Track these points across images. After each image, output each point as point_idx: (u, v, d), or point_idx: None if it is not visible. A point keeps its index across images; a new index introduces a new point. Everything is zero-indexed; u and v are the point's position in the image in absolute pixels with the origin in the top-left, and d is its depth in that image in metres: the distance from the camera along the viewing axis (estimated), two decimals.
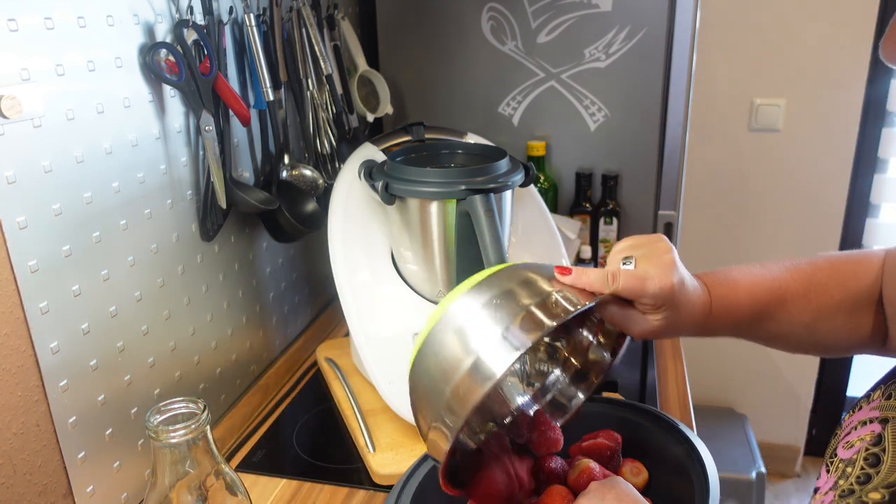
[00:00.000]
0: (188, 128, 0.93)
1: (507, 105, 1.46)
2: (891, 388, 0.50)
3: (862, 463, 0.45)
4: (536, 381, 0.73)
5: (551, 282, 0.61)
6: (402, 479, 0.70)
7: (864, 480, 0.44)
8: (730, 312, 0.67)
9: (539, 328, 0.55)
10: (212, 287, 1.01)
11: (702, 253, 2.12)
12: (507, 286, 0.59)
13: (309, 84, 1.17)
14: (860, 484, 0.44)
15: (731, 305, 0.67)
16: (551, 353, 0.74)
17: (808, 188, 2.00)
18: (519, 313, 0.56)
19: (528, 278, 0.61)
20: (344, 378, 1.06)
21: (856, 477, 0.45)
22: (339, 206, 0.99)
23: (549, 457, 0.69)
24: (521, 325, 0.55)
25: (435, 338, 0.59)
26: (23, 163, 0.68)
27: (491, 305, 0.57)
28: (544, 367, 0.73)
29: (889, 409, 0.48)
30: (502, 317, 0.56)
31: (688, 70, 1.36)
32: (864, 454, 0.46)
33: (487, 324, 0.56)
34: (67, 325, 0.74)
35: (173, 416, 0.59)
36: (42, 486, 0.73)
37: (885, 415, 0.48)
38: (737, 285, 0.68)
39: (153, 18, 0.86)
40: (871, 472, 0.44)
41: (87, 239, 0.77)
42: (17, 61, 0.67)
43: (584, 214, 1.48)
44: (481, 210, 0.86)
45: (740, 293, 0.67)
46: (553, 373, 0.73)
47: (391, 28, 1.48)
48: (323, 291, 1.38)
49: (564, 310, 0.57)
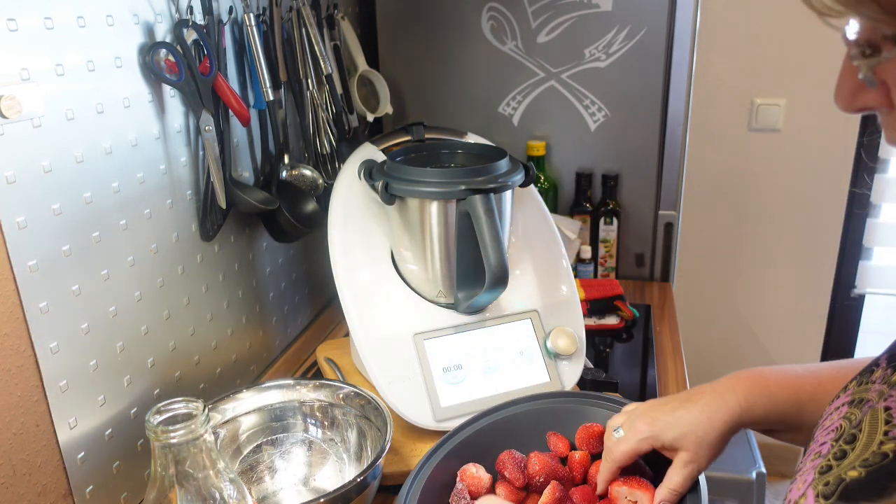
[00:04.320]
0: (188, 128, 0.93)
1: (507, 105, 1.46)
2: (863, 377, 0.51)
3: (840, 442, 0.46)
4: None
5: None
6: (410, 480, 0.71)
7: (840, 456, 0.44)
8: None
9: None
10: (212, 287, 1.01)
11: (702, 253, 2.12)
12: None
13: (309, 84, 1.17)
14: (837, 459, 0.44)
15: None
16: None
17: (808, 188, 2.00)
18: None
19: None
20: (344, 378, 1.05)
21: (833, 454, 0.45)
22: (339, 206, 0.99)
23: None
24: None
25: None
26: (23, 163, 0.68)
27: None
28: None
29: (860, 392, 0.49)
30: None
31: (688, 70, 1.36)
32: (840, 433, 0.47)
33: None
34: (67, 325, 0.74)
35: (173, 416, 0.59)
36: (42, 486, 0.73)
37: (856, 397, 0.49)
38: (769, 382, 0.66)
39: (153, 18, 0.86)
40: (847, 448, 0.44)
41: (87, 239, 0.77)
42: (17, 61, 0.67)
43: (584, 214, 1.48)
44: (481, 210, 0.86)
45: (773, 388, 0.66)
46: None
47: (391, 28, 1.48)
48: (323, 291, 1.38)
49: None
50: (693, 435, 0.64)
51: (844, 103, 0.40)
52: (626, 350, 1.26)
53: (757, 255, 2.10)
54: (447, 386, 0.93)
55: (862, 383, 0.50)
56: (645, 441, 0.67)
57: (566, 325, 1.00)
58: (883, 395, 0.46)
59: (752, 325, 2.18)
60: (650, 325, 1.31)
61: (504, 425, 0.79)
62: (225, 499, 0.60)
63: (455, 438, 0.77)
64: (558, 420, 0.79)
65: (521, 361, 0.97)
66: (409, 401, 0.91)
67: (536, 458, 0.74)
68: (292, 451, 0.90)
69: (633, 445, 0.68)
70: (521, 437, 0.78)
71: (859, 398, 0.49)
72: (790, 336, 2.16)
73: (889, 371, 0.48)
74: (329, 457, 0.89)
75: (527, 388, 0.95)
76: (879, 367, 0.50)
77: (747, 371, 0.67)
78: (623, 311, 1.30)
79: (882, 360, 0.50)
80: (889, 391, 0.46)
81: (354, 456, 0.88)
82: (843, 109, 0.40)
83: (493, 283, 0.87)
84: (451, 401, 0.92)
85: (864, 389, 0.49)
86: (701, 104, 1.95)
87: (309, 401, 0.90)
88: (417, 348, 0.94)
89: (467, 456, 0.76)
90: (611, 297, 1.31)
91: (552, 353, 0.98)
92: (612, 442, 0.70)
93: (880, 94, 0.38)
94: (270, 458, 0.89)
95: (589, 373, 1.05)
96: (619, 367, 1.21)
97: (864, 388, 0.49)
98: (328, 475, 0.88)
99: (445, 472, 0.74)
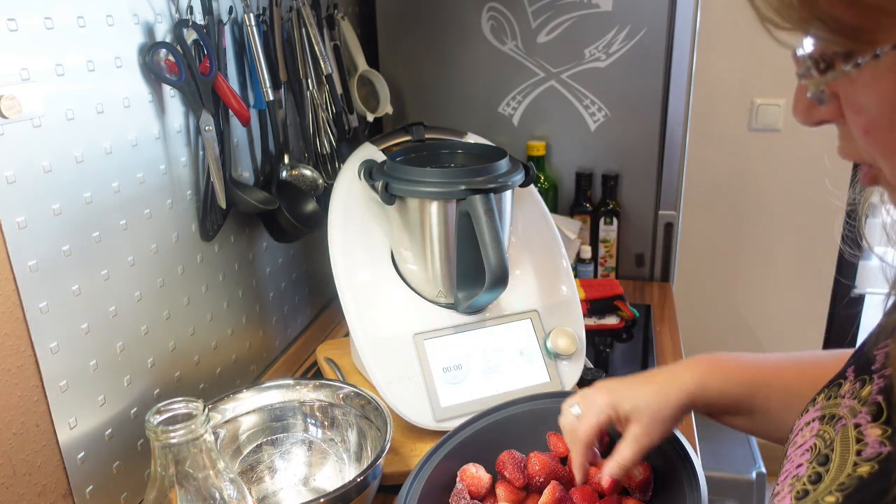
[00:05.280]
0: (188, 128, 0.93)
1: (507, 105, 1.46)
2: (831, 391, 0.50)
3: (813, 463, 0.46)
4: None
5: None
6: (410, 480, 0.71)
7: (815, 480, 0.44)
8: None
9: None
10: (212, 287, 1.01)
11: (702, 253, 2.12)
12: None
13: (309, 84, 1.17)
14: (812, 483, 0.44)
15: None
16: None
17: (808, 188, 2.00)
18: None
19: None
20: (344, 378, 1.05)
21: (808, 476, 0.45)
22: (339, 206, 0.99)
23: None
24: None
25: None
26: (23, 163, 0.68)
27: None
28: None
29: (830, 407, 0.49)
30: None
31: (688, 70, 1.36)
32: (815, 453, 0.47)
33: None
34: (67, 324, 0.74)
35: (173, 416, 0.59)
36: (42, 486, 0.73)
37: (827, 412, 0.49)
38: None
39: (153, 18, 0.86)
40: (821, 470, 0.44)
41: (87, 239, 0.77)
42: (17, 61, 0.67)
43: (584, 214, 1.48)
44: (481, 210, 0.86)
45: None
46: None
47: (391, 28, 1.48)
48: (323, 291, 1.38)
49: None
50: (647, 408, 0.65)
51: (802, 118, 0.40)
52: (626, 350, 1.26)
53: (757, 255, 2.10)
54: (447, 386, 0.93)
55: (831, 397, 0.50)
56: (603, 412, 0.67)
57: (566, 325, 1.00)
58: (854, 411, 0.45)
59: (752, 325, 2.18)
60: (650, 325, 1.31)
61: (504, 425, 0.79)
62: (225, 499, 0.60)
63: (455, 438, 0.77)
64: (558, 420, 0.79)
65: (521, 361, 0.97)
66: (409, 401, 0.91)
67: (536, 458, 0.74)
68: (292, 451, 0.90)
69: (593, 419, 0.67)
70: (521, 437, 0.78)
71: (830, 414, 0.48)
72: (790, 336, 2.16)
73: (857, 385, 0.47)
74: (329, 457, 0.89)
75: (527, 388, 0.95)
76: (847, 380, 0.49)
77: (707, 354, 0.68)
78: (623, 311, 1.30)
79: (849, 373, 0.49)
80: (860, 407, 0.45)
81: (354, 456, 0.88)
82: (801, 123, 0.40)
83: (493, 283, 0.87)
84: (451, 401, 0.92)
85: (833, 404, 0.49)
86: (701, 104, 1.95)
87: (309, 401, 0.90)
88: (417, 348, 0.94)
89: (467, 456, 0.76)
90: (611, 297, 1.31)
91: (552, 353, 0.98)
92: (569, 422, 0.69)
93: (833, 107, 0.38)
94: (270, 458, 0.89)
95: (589, 373, 1.05)
96: (619, 367, 1.21)
97: (833, 403, 0.49)
98: (328, 475, 0.88)
99: (445, 472, 0.74)
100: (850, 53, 0.34)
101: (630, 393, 0.66)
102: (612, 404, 0.67)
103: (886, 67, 0.33)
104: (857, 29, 0.33)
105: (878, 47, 0.33)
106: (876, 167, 0.38)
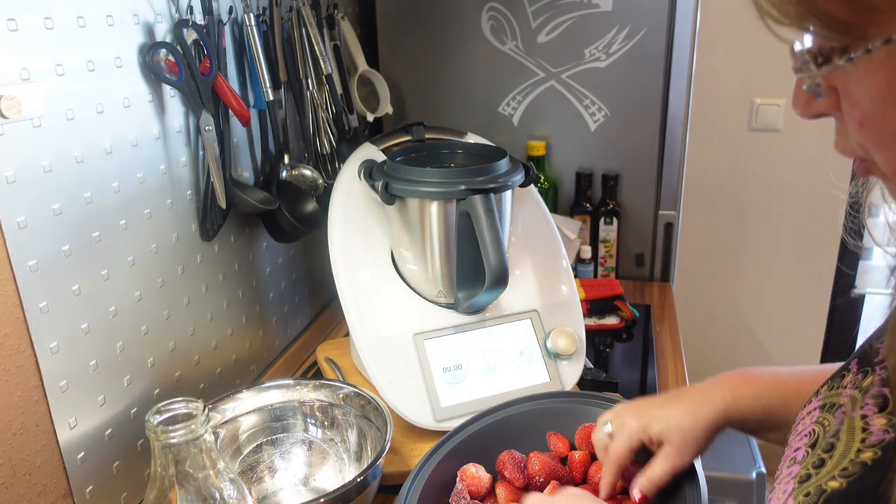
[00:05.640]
0: (188, 128, 0.93)
1: (507, 105, 1.46)
2: (835, 382, 0.51)
3: (816, 449, 0.46)
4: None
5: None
6: (410, 480, 0.71)
7: (818, 465, 0.45)
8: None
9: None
10: (212, 287, 1.01)
11: (702, 253, 2.12)
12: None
13: (309, 84, 1.17)
14: (815, 468, 0.45)
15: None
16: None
17: (808, 188, 2.00)
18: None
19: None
20: (344, 378, 1.05)
21: (811, 462, 0.46)
22: (339, 206, 0.99)
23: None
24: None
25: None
26: (23, 163, 0.68)
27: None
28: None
29: (832, 396, 0.50)
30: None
31: (688, 70, 1.36)
32: (814, 438, 0.47)
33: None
34: (67, 324, 0.74)
35: (173, 416, 0.59)
36: (42, 486, 0.73)
37: (828, 401, 0.50)
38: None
39: (153, 18, 0.86)
40: (825, 456, 0.45)
41: (87, 239, 0.77)
42: (17, 61, 0.67)
43: (584, 214, 1.48)
44: (481, 210, 0.86)
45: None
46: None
47: (391, 28, 1.48)
48: (323, 291, 1.38)
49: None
50: (678, 429, 0.65)
51: (801, 110, 0.41)
52: (626, 350, 1.26)
53: (757, 255, 2.10)
54: (447, 386, 0.93)
55: (833, 387, 0.51)
56: (635, 435, 0.67)
57: (566, 325, 1.00)
58: (856, 401, 0.46)
59: (752, 325, 2.18)
60: (650, 325, 1.31)
61: (504, 425, 0.79)
62: (225, 499, 0.60)
63: (455, 438, 0.77)
64: (558, 420, 0.79)
65: (521, 361, 0.97)
66: (409, 401, 0.91)
67: (536, 458, 0.74)
68: (292, 451, 0.90)
69: (625, 441, 0.68)
70: (521, 437, 0.78)
71: (831, 402, 0.49)
72: (790, 336, 2.16)
73: (860, 376, 0.48)
74: (329, 457, 0.89)
75: (527, 388, 0.95)
76: (850, 371, 0.50)
77: (734, 371, 0.68)
78: (623, 311, 1.30)
79: (852, 365, 0.50)
80: (863, 398, 0.46)
81: (354, 456, 0.88)
82: (800, 116, 0.41)
83: (493, 283, 0.87)
84: (451, 401, 0.92)
85: (835, 394, 0.49)
86: (701, 104, 1.95)
87: (309, 401, 0.90)
88: (417, 348, 0.94)
89: (467, 456, 0.76)
90: (611, 297, 1.31)
91: (552, 353, 0.98)
92: (602, 440, 0.70)
93: (831, 100, 0.39)
94: (270, 458, 0.89)
95: (589, 373, 1.05)
96: (619, 367, 1.21)
97: (835, 393, 0.50)
98: (328, 475, 0.88)
99: (445, 472, 0.74)
100: (845, 48, 0.35)
101: (661, 414, 0.67)
102: (643, 427, 0.67)
103: (878, 62, 0.34)
104: (851, 24, 0.34)
105: (870, 42, 0.34)
106: (870, 160, 0.39)
